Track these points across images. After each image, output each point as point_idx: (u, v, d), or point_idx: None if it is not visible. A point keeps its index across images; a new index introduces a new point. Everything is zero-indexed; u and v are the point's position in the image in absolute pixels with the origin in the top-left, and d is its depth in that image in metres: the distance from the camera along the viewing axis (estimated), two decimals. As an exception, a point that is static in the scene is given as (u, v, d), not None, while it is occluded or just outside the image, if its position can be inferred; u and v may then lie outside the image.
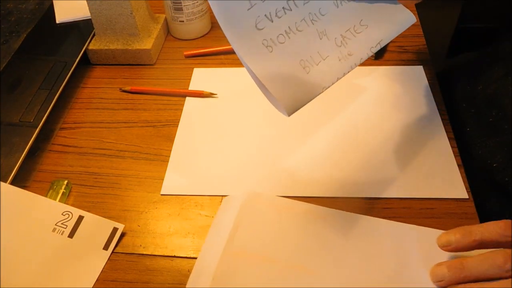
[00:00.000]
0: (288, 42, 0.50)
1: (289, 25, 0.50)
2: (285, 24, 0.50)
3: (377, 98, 0.58)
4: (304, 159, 0.53)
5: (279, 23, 0.50)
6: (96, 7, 0.63)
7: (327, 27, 0.53)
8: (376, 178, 0.50)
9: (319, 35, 0.52)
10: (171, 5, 0.67)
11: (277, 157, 0.53)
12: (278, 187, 0.50)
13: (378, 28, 0.54)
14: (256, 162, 0.53)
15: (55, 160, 0.55)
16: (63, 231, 0.46)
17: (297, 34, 0.51)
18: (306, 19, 0.52)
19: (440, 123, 0.54)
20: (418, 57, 0.64)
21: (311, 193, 0.49)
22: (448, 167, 0.50)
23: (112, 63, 0.67)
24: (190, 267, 0.44)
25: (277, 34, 0.49)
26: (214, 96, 0.61)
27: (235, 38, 0.47)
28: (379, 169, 0.51)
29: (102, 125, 0.59)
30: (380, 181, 0.50)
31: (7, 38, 0.66)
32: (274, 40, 0.49)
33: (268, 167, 0.52)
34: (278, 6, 0.50)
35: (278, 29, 0.50)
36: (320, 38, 0.52)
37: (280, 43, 0.49)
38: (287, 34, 0.50)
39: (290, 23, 0.50)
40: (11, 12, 0.71)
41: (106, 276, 0.44)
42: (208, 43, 0.70)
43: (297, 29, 0.51)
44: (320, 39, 0.52)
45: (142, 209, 0.49)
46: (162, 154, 0.54)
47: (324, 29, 0.52)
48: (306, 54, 0.50)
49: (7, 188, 0.47)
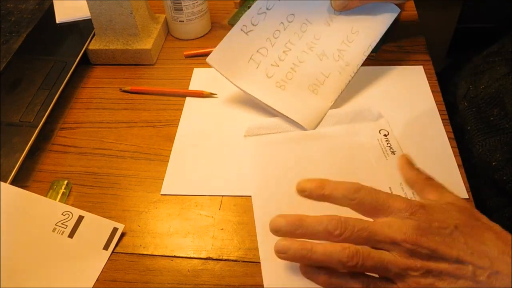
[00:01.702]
0: (296, 75, 0.57)
1: (293, 61, 0.58)
2: (289, 62, 0.57)
3: (377, 98, 0.58)
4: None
5: (285, 64, 0.57)
6: (96, 7, 0.63)
7: (324, 47, 0.60)
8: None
9: (319, 57, 0.59)
10: (171, 5, 0.67)
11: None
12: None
13: (368, 31, 0.58)
14: (256, 162, 0.53)
15: (55, 160, 0.55)
16: (63, 231, 0.46)
17: (301, 66, 0.58)
18: (305, 49, 0.58)
19: (440, 123, 0.54)
20: (418, 57, 0.64)
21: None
22: (448, 167, 0.50)
23: (112, 63, 0.67)
24: (190, 267, 0.44)
25: (285, 73, 0.57)
26: (214, 96, 0.61)
27: (251, 90, 0.56)
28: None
29: (102, 125, 0.59)
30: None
31: (7, 38, 0.66)
32: (284, 79, 0.57)
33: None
34: (279, 52, 0.58)
35: (285, 69, 0.57)
36: (321, 59, 0.59)
37: (289, 80, 0.57)
38: (293, 70, 0.57)
39: (293, 59, 0.58)
40: (11, 12, 0.71)
41: (106, 276, 0.44)
42: (208, 43, 0.70)
43: (300, 61, 0.58)
44: (320, 60, 0.58)
45: (142, 209, 0.49)
46: (162, 154, 0.54)
47: (322, 50, 0.60)
48: (312, 78, 0.57)
49: (7, 188, 0.47)
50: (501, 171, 0.53)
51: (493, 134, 0.55)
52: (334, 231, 0.36)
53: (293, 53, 0.57)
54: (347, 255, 0.35)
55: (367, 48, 0.57)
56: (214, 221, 0.48)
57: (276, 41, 0.57)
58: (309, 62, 0.57)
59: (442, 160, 0.51)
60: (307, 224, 0.37)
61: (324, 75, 0.57)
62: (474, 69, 0.63)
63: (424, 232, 0.36)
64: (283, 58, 0.56)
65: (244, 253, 0.45)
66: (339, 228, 0.36)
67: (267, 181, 0.50)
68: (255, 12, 0.56)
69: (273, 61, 0.57)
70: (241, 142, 0.54)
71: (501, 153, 0.54)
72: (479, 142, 0.56)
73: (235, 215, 0.48)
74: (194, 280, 0.43)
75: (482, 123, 0.56)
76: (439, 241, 0.36)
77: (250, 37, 0.56)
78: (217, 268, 0.44)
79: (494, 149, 0.54)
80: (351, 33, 0.58)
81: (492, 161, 0.54)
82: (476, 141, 0.56)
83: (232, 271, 0.44)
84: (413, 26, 0.70)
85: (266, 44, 0.57)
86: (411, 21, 0.70)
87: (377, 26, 0.58)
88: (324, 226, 0.37)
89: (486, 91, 0.58)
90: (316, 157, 0.52)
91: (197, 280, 0.43)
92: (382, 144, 0.52)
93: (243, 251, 0.45)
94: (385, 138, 0.52)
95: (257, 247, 0.45)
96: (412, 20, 0.70)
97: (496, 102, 0.56)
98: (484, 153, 0.55)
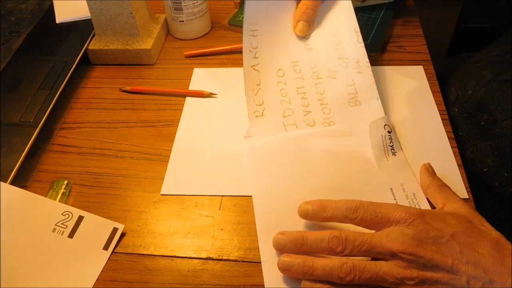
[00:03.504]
0: (331, 107, 0.55)
1: (317, 98, 0.56)
2: (315, 102, 0.56)
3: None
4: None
5: (313, 106, 0.55)
6: (96, 7, 0.63)
7: (327, 66, 0.57)
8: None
9: (331, 77, 0.57)
10: (171, 5, 0.67)
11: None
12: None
13: (341, 24, 0.58)
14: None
15: (55, 160, 0.55)
16: (63, 231, 0.46)
17: (326, 95, 0.56)
18: (315, 82, 0.57)
19: (440, 123, 0.54)
20: (418, 57, 0.64)
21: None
22: (448, 167, 0.50)
23: (112, 63, 0.67)
24: (190, 267, 0.44)
25: (321, 113, 0.55)
26: (214, 96, 0.61)
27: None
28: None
29: (102, 125, 0.59)
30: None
31: (7, 38, 0.66)
32: (327, 117, 0.55)
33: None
34: (301, 102, 0.55)
35: (318, 110, 0.55)
36: (334, 77, 0.57)
37: (329, 115, 0.55)
38: (324, 105, 0.56)
39: (315, 97, 0.56)
40: (11, 12, 0.71)
41: (106, 276, 0.44)
42: (208, 43, 0.70)
43: (321, 94, 0.56)
44: (334, 78, 0.57)
45: (142, 209, 0.49)
46: (162, 154, 0.54)
47: (327, 70, 0.57)
48: (345, 97, 0.56)
49: (7, 188, 0.47)
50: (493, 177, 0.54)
51: (484, 139, 0.55)
52: (336, 248, 0.39)
53: (310, 93, 0.56)
54: (344, 270, 0.38)
55: (356, 35, 0.57)
56: (214, 221, 0.48)
57: (290, 96, 0.55)
58: (329, 87, 0.56)
59: (442, 160, 0.51)
60: (310, 243, 0.40)
61: (349, 85, 0.56)
62: (462, 74, 0.63)
63: (420, 242, 0.38)
64: (307, 104, 0.55)
65: (244, 253, 0.45)
66: (340, 245, 0.39)
67: (268, 181, 0.50)
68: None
69: (302, 112, 0.55)
70: (241, 142, 0.54)
71: (492, 158, 0.54)
72: (470, 147, 0.56)
73: (235, 215, 0.48)
74: (194, 280, 0.43)
75: (474, 128, 0.57)
76: (435, 250, 0.37)
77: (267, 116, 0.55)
78: (217, 268, 0.44)
79: (485, 154, 0.55)
80: (333, 38, 0.58)
81: (483, 167, 0.54)
82: (468, 146, 0.56)
83: (232, 271, 0.44)
84: (413, 26, 0.70)
85: (286, 106, 0.55)
86: (411, 21, 0.70)
87: (343, 13, 0.58)
88: (326, 244, 0.40)
89: (474, 97, 0.58)
90: (316, 158, 0.52)
91: (197, 280, 0.43)
92: (385, 142, 0.52)
93: (243, 251, 0.45)
94: (389, 136, 0.52)
95: (257, 247, 0.45)
96: (412, 20, 0.70)
97: (484, 107, 0.56)
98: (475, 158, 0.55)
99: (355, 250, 0.39)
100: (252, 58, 0.55)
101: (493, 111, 0.55)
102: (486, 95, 0.56)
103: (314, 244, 0.40)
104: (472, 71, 0.61)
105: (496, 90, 0.56)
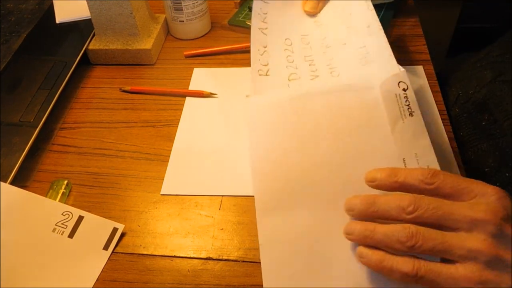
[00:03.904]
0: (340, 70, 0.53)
1: (326, 64, 0.54)
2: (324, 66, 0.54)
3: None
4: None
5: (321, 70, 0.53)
6: (96, 7, 0.63)
7: (336, 38, 0.56)
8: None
9: (342, 43, 0.55)
10: (171, 5, 0.67)
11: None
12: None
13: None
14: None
15: (55, 160, 0.55)
16: (63, 231, 0.46)
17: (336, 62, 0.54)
18: (324, 51, 0.55)
19: (440, 123, 0.54)
20: (418, 57, 0.64)
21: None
22: (448, 167, 0.50)
23: (112, 63, 0.67)
24: (190, 267, 0.44)
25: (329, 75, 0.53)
26: (214, 96, 0.61)
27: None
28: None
29: (102, 125, 0.59)
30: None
31: (7, 38, 0.66)
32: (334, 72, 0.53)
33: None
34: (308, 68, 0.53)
35: (325, 72, 0.53)
36: (344, 43, 0.55)
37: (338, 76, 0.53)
38: (332, 69, 0.53)
39: (325, 61, 0.54)
40: (11, 12, 0.71)
41: (106, 276, 0.44)
42: (208, 43, 0.70)
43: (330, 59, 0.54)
44: (344, 44, 0.55)
45: (142, 209, 0.49)
46: (162, 154, 0.54)
47: (341, 40, 0.55)
48: (356, 57, 0.53)
49: (7, 188, 0.47)
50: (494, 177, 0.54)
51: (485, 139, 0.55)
52: (408, 207, 0.35)
53: (318, 60, 0.54)
54: (406, 234, 0.34)
55: (365, 4, 0.55)
56: (214, 221, 0.48)
57: (297, 63, 0.54)
58: (338, 53, 0.54)
59: (442, 160, 0.50)
60: (380, 202, 0.37)
61: (360, 47, 0.53)
62: (462, 74, 0.63)
63: (510, 220, 0.34)
64: (315, 69, 0.53)
65: (244, 253, 0.45)
66: (412, 204, 0.35)
67: (268, 146, 0.47)
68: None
69: (309, 76, 0.52)
70: (242, 142, 0.54)
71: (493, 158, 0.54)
72: (471, 148, 0.56)
73: (235, 215, 0.48)
74: (194, 280, 0.43)
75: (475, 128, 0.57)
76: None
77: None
78: (217, 268, 0.44)
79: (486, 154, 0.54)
80: (342, 12, 0.57)
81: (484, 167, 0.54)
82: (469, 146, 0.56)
83: (232, 271, 0.44)
84: (413, 26, 0.70)
85: (292, 71, 0.53)
86: (411, 21, 0.70)
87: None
88: (398, 203, 0.36)
89: (475, 97, 0.58)
90: (321, 120, 0.48)
91: (197, 280, 0.43)
92: (400, 101, 0.46)
93: (243, 251, 0.45)
94: (404, 94, 0.46)
95: (257, 247, 0.45)
96: (412, 20, 0.70)
97: (485, 108, 0.56)
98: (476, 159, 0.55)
99: (429, 212, 0.35)
100: (261, 21, 0.53)
101: (494, 111, 0.55)
102: (487, 96, 0.56)
103: (384, 203, 0.37)
104: (473, 71, 0.62)
105: (497, 90, 0.56)
